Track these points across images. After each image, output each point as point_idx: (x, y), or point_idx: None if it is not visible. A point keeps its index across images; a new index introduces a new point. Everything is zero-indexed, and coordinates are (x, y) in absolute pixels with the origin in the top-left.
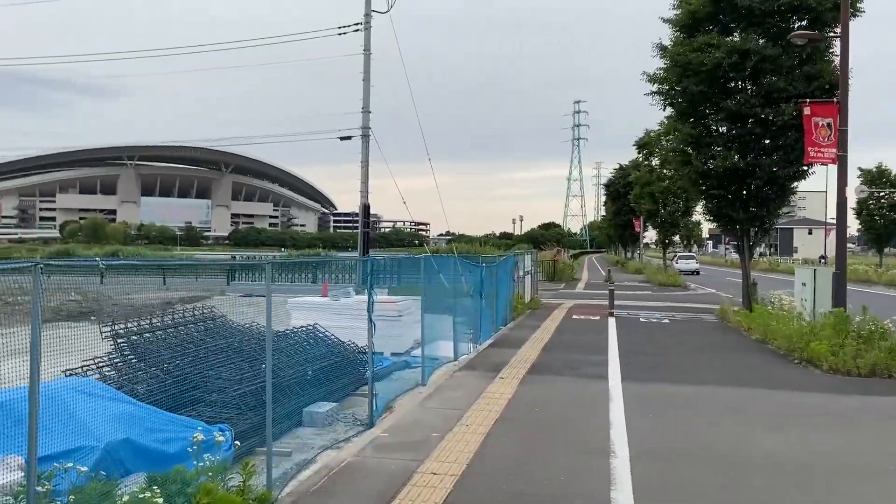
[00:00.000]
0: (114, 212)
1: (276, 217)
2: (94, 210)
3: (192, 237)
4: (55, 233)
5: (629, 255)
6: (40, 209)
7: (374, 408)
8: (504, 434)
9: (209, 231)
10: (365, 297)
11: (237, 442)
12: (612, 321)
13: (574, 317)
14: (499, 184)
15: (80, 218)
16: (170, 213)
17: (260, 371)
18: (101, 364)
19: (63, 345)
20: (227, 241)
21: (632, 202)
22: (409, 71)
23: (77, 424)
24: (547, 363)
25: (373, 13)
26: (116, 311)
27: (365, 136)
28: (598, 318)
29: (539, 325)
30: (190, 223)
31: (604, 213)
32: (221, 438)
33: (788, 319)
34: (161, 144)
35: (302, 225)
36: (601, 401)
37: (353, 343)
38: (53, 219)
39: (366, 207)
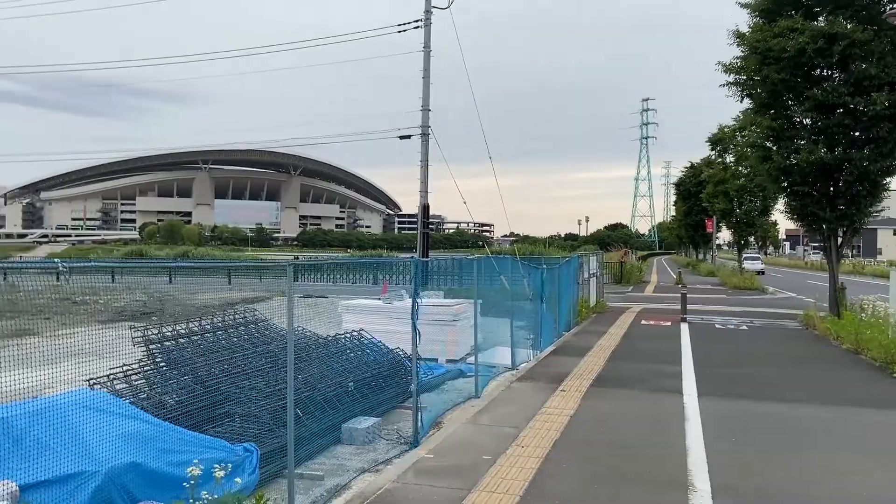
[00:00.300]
0: (189, 214)
1: (342, 219)
2: (171, 212)
3: (262, 238)
4: (135, 234)
5: (700, 256)
6: (121, 211)
7: (420, 424)
8: (564, 459)
9: (278, 232)
10: (422, 300)
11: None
12: (684, 327)
13: (643, 322)
14: (563, 185)
15: (158, 220)
16: (241, 214)
17: (296, 382)
18: (130, 372)
19: (112, 347)
20: (295, 243)
21: (704, 201)
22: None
23: (79, 446)
24: (614, 374)
25: (433, 9)
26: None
27: (424, 135)
28: (669, 323)
29: (605, 330)
30: (260, 225)
31: (673, 214)
32: (221, 473)
33: (884, 328)
34: (233, 148)
35: (367, 226)
36: (676, 420)
37: (402, 350)
38: (134, 221)
39: (425, 207)
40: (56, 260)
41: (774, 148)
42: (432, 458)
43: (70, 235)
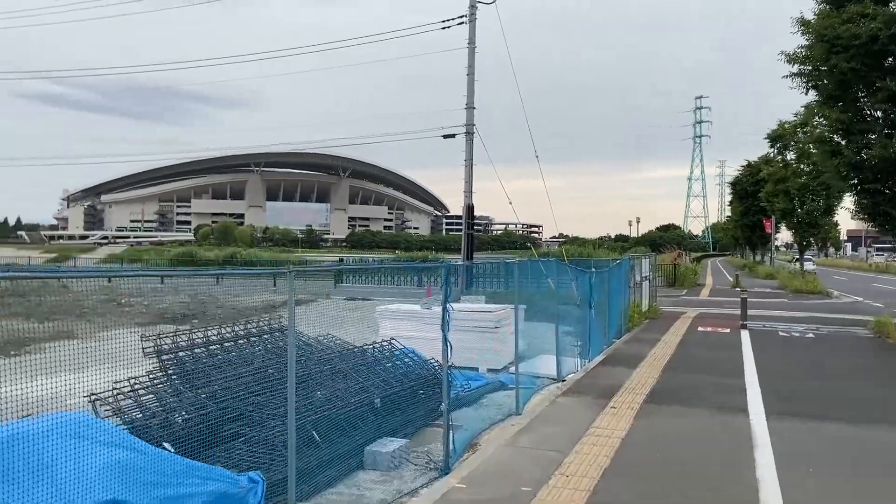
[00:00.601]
0: (242, 215)
1: (390, 220)
2: (225, 214)
3: (311, 239)
4: (190, 236)
5: (758, 258)
6: (177, 213)
7: (451, 447)
8: (615, 491)
9: (328, 234)
10: (462, 305)
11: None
12: (745, 335)
13: (699, 329)
14: (613, 185)
15: (213, 221)
16: (292, 216)
17: (313, 400)
18: (137, 386)
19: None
20: (344, 244)
21: (762, 201)
22: (513, 69)
23: (48, 483)
24: (669, 388)
25: (478, 4)
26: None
27: (469, 134)
28: (727, 330)
29: (659, 338)
30: (310, 226)
31: (728, 214)
32: None
33: None
34: (284, 151)
35: (415, 227)
36: (742, 445)
37: (437, 361)
38: (189, 222)
39: (469, 208)
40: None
41: (843, 142)
42: (464, 489)
43: (128, 237)
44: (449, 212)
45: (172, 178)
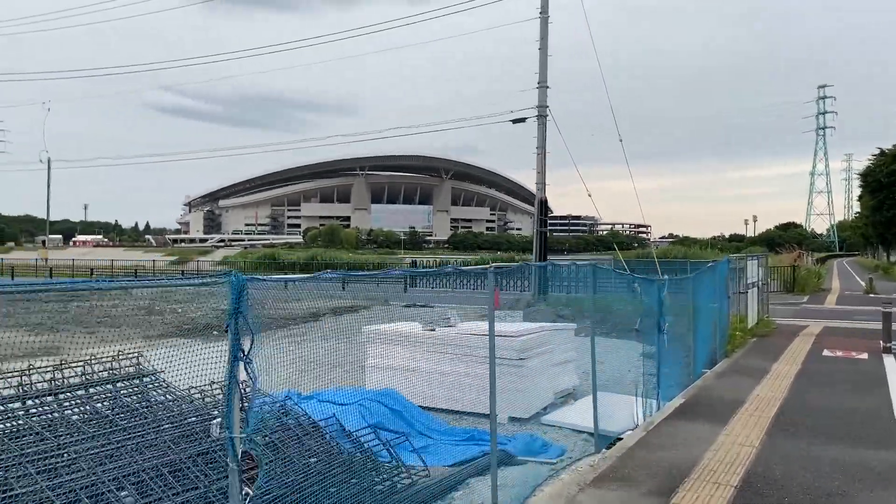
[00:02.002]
0: (348, 218)
1: (492, 221)
2: (332, 217)
3: (414, 241)
4: (299, 238)
5: (893, 258)
6: (288, 217)
7: None
8: None
9: (431, 235)
10: (475, 326)
11: None
12: (891, 364)
13: (825, 353)
14: (728, 183)
15: (321, 224)
16: (396, 218)
17: None
18: None
19: None
20: (446, 245)
21: None
22: (622, 63)
23: None
24: (777, 472)
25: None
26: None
27: (542, 116)
28: (864, 355)
29: (767, 368)
30: (413, 228)
31: (858, 210)
32: None
33: None
34: (387, 154)
35: (518, 228)
36: None
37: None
38: (299, 225)
39: (542, 203)
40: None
41: None
42: None
43: (243, 240)
44: (552, 213)
45: (283, 182)
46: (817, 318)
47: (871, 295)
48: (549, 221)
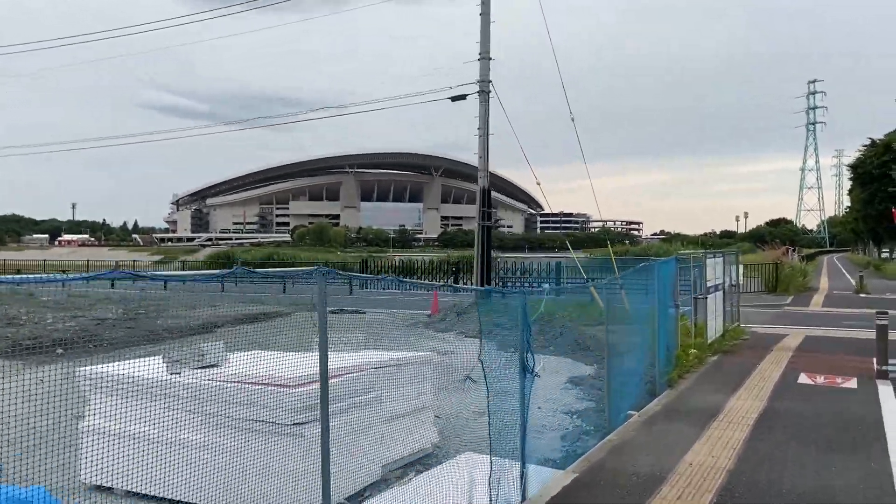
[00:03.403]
0: (337, 216)
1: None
2: (321, 215)
3: (404, 239)
4: (287, 237)
5: (884, 254)
6: (276, 215)
7: None
8: None
9: (420, 233)
10: (221, 370)
11: None
12: (887, 396)
13: (801, 379)
14: (719, 179)
15: (310, 223)
16: (386, 216)
17: None
18: None
19: None
20: (436, 243)
21: (893, 183)
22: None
23: None
24: None
25: None
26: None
27: (483, 92)
28: (852, 382)
29: (719, 406)
30: (403, 226)
31: (848, 205)
32: None
33: None
34: (376, 152)
35: (509, 226)
36: None
37: None
38: (287, 224)
39: (484, 192)
40: None
41: None
42: None
43: (231, 239)
44: (544, 210)
45: (271, 181)
46: (799, 325)
47: (863, 295)
48: (541, 219)
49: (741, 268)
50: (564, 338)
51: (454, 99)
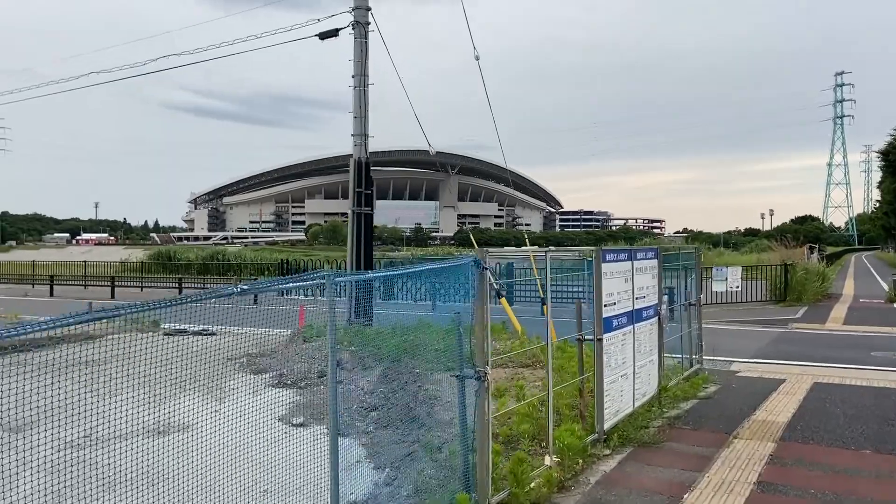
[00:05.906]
0: None
1: (500, 217)
2: (337, 213)
3: (419, 238)
4: (302, 235)
5: None
6: (292, 214)
7: None
8: None
9: (437, 232)
10: None
11: None
12: None
13: None
14: (744, 176)
15: (325, 221)
16: (401, 214)
17: None
18: None
19: None
20: (452, 242)
21: None
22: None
23: None
24: None
25: None
26: None
27: (360, 24)
28: None
29: None
30: (419, 224)
31: (878, 199)
32: None
33: None
34: (392, 149)
35: (527, 224)
36: None
37: None
38: (303, 222)
39: (360, 165)
40: None
41: None
42: None
43: (247, 237)
44: (563, 208)
45: (287, 179)
46: (805, 359)
47: None
48: (561, 217)
49: (739, 270)
50: None
51: (323, 36)
